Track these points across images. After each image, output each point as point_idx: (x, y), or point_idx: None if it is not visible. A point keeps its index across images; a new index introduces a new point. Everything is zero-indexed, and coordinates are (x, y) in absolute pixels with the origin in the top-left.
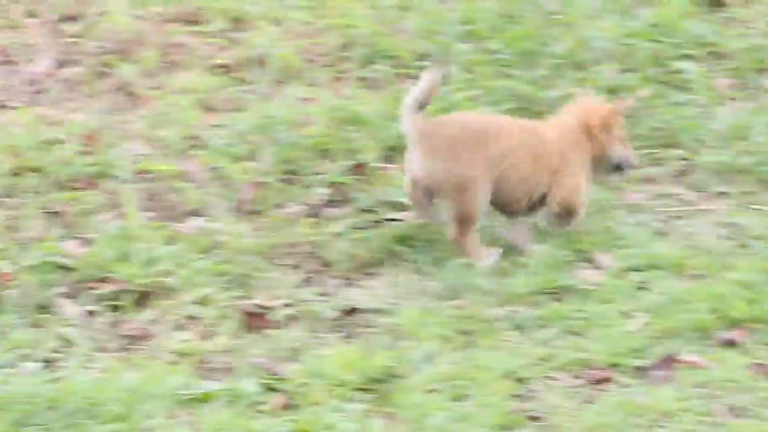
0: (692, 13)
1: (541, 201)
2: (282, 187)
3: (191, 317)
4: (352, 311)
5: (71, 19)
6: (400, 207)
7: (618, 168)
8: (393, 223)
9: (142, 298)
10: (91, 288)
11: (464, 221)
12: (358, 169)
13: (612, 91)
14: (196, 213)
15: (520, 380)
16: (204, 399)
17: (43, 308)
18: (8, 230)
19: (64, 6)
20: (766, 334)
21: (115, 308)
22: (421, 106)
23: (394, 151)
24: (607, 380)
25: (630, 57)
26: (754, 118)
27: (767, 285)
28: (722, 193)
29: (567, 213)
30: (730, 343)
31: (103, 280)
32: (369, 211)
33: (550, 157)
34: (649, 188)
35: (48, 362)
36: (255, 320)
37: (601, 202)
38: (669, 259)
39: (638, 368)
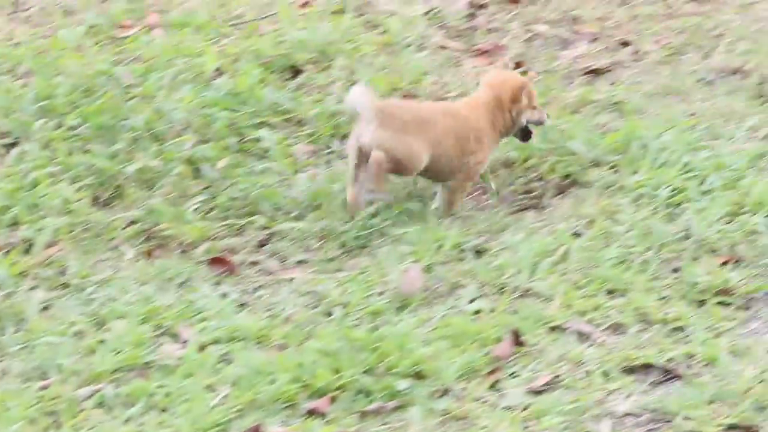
0: (268, 81)
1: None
2: None
3: None
4: None
5: None
6: None
7: (528, 132)
8: None
9: None
10: None
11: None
12: None
13: (192, 163)
14: None
15: None
16: None
17: None
18: None
19: None
20: (349, 402)
21: None
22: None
23: None
24: None
25: (208, 127)
26: (331, 184)
27: (349, 352)
28: (302, 261)
29: (461, 189)
30: (315, 413)
31: None
32: None
33: (468, 140)
34: (231, 259)
35: None
36: None
37: (182, 275)
38: (250, 331)
39: None
